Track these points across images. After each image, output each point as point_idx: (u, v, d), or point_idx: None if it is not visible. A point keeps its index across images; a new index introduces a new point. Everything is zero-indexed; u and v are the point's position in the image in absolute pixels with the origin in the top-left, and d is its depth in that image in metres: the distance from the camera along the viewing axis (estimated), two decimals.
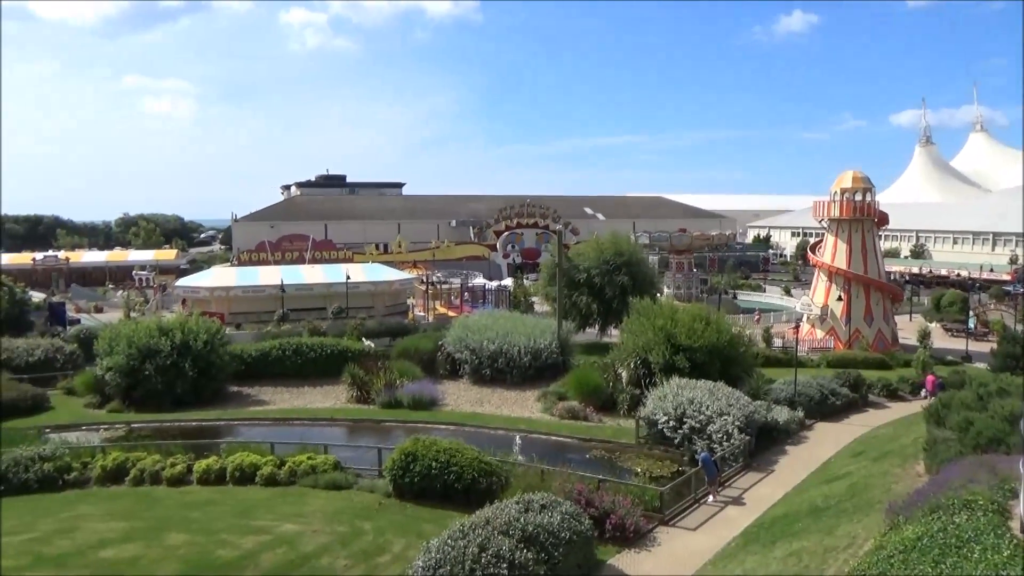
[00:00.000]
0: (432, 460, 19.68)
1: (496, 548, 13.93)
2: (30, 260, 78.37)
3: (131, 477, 21.66)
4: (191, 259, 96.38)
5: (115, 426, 28.61)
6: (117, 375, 30.64)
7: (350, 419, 29.53)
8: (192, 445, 23.81)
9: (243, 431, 27.97)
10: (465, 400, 32.03)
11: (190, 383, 30.88)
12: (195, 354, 31.10)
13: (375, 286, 54.74)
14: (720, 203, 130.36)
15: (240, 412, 30.62)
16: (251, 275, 55.99)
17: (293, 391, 33.67)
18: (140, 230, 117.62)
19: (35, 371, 34.30)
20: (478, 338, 34.82)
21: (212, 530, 17.61)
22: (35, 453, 21.95)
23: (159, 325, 32.44)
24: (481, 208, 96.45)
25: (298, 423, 28.99)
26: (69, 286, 70.61)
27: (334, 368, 34.04)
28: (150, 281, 72.11)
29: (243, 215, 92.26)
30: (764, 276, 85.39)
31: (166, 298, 60.96)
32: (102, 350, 31.80)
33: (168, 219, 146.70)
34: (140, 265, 79.80)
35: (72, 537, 17.35)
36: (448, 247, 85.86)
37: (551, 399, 30.61)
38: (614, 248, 41.83)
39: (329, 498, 20.13)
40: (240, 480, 21.35)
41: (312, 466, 21.62)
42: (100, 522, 18.43)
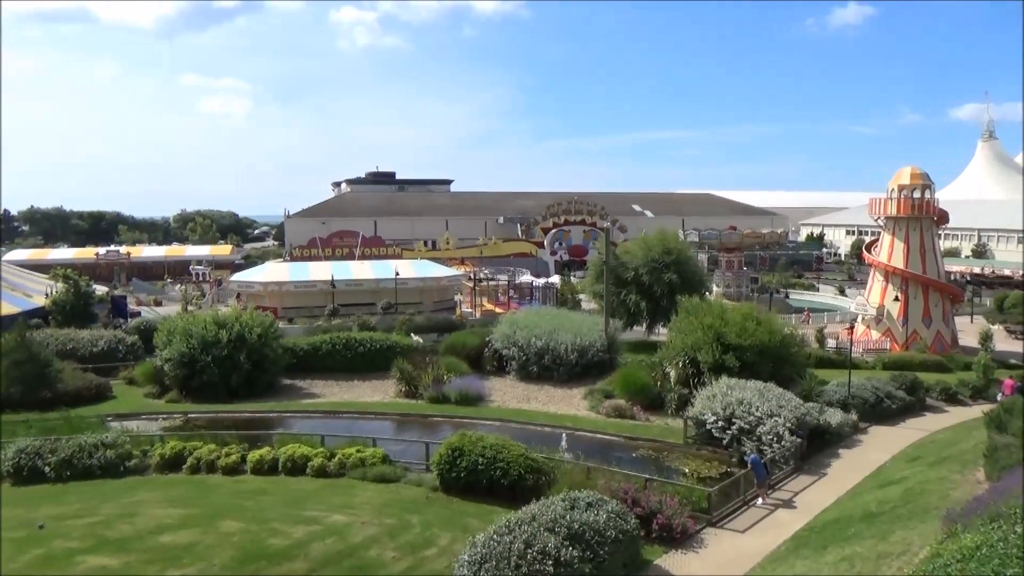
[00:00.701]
0: (479, 455, 19.83)
1: (542, 545, 13.99)
2: (94, 255, 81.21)
3: (188, 465, 22.34)
4: (245, 254, 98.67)
5: (173, 416, 29.55)
6: (175, 366, 31.59)
7: (398, 413, 29.91)
8: (246, 436, 24.43)
9: (295, 423, 28.60)
10: (511, 396, 32.15)
11: (244, 375, 31.65)
12: (249, 347, 31.86)
13: (423, 282, 55.27)
14: (771, 200, 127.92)
15: (292, 404, 31.27)
16: (303, 270, 57.08)
17: (343, 384, 34.25)
18: (197, 226, 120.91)
19: (98, 361, 35.59)
20: (525, 335, 34.90)
21: (264, 519, 18.06)
22: (98, 440, 22.81)
23: (215, 318, 33.31)
24: (528, 205, 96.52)
25: (348, 416, 29.48)
26: (130, 280, 72.96)
27: (383, 363, 34.51)
28: (206, 276, 74.08)
29: (295, 211, 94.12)
30: (817, 275, 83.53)
31: (221, 292, 62.54)
32: (161, 342, 32.82)
33: (223, 215, 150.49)
34: (197, 260, 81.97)
35: (133, 522, 17.99)
36: (495, 244, 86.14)
37: (598, 397, 30.52)
38: (662, 246, 41.43)
39: (377, 490, 20.45)
40: (292, 471, 21.84)
41: (361, 459, 21.99)
42: (159, 508, 19.06)
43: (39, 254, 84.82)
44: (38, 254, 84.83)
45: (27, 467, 21.66)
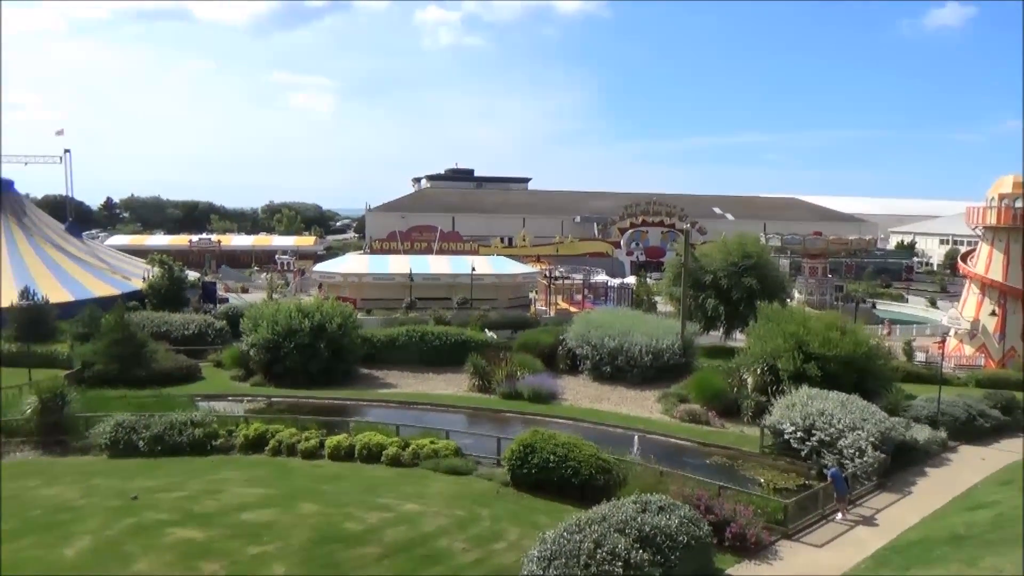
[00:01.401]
0: (550, 453, 19.88)
1: (612, 545, 13.93)
2: (187, 242, 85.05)
3: (269, 447, 23.21)
4: (328, 246, 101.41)
5: (257, 399, 30.72)
6: (259, 351, 32.82)
7: (471, 407, 30.25)
8: (324, 422, 25.17)
9: (370, 412, 29.29)
10: (584, 396, 32.07)
11: (324, 363, 32.60)
12: (329, 336, 32.80)
13: (499, 279, 55.63)
14: (859, 206, 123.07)
15: (368, 393, 32.03)
16: (382, 263, 58.30)
17: (418, 376, 34.88)
18: (283, 217, 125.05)
19: (189, 344, 37.34)
20: (599, 335, 34.75)
21: (340, 503, 18.60)
22: (188, 419, 23.95)
23: (298, 307, 34.43)
24: (605, 205, 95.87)
25: (422, 408, 30.01)
26: (220, 267, 76.06)
27: (457, 357, 34.96)
28: (291, 265, 76.56)
29: (376, 205, 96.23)
30: (907, 285, 79.99)
31: (304, 282, 64.53)
32: (247, 328, 34.16)
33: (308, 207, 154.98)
34: (282, 250, 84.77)
35: (217, 498, 18.82)
36: (572, 243, 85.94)
37: (671, 400, 30.11)
38: (741, 249, 40.49)
39: (449, 482, 20.76)
40: (367, 458, 22.40)
41: (434, 450, 22.36)
42: (241, 487, 19.87)
43: (138, 240, 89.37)
44: (137, 240, 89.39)
45: (123, 441, 22.93)
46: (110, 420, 23.58)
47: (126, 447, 22.87)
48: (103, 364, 31.46)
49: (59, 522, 17.22)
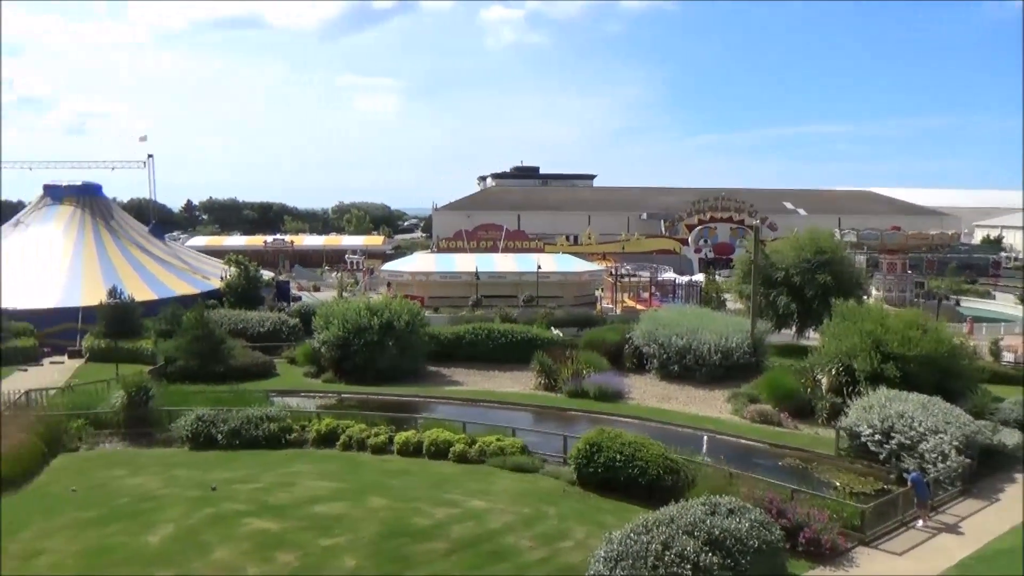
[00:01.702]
0: (616, 452, 19.73)
1: (680, 548, 13.73)
2: (262, 242, 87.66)
3: (340, 442, 23.76)
4: (396, 245, 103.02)
5: (328, 395, 31.51)
6: (330, 348, 33.63)
7: (537, 405, 30.28)
8: (393, 418, 25.60)
9: (437, 408, 29.65)
10: (651, 395, 31.70)
11: (392, 360, 33.16)
12: (397, 334, 33.34)
13: (564, 276, 55.48)
14: (941, 198, 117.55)
15: (435, 390, 32.42)
16: (448, 262, 58.88)
17: (484, 374, 35.12)
18: (352, 217, 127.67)
19: (264, 341, 38.52)
20: (666, 333, 34.28)
21: (409, 498, 18.90)
22: (263, 414, 24.73)
23: (367, 305, 35.12)
24: (672, 201, 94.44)
25: (488, 405, 30.19)
26: (293, 266, 78.12)
27: (523, 354, 35.05)
28: (360, 264, 78.06)
29: (442, 205, 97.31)
30: (995, 282, 76.06)
31: (373, 280, 65.72)
32: (318, 325, 35.04)
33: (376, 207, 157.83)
34: (352, 249, 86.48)
35: (290, 491, 19.38)
36: (638, 240, 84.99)
37: (741, 400, 29.46)
38: (814, 245, 39.22)
39: (515, 480, 20.84)
40: (434, 454, 22.69)
41: (500, 447, 22.48)
42: (313, 480, 20.40)
43: (216, 241, 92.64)
44: (215, 241, 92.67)
45: (203, 434, 23.85)
46: (191, 414, 24.56)
47: (206, 440, 23.77)
48: (184, 360, 32.79)
49: (143, 510, 18.04)
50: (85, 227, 51.21)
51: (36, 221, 52.55)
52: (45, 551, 15.86)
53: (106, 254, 49.21)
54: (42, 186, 55.94)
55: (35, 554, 15.74)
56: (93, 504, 18.58)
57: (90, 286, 43.50)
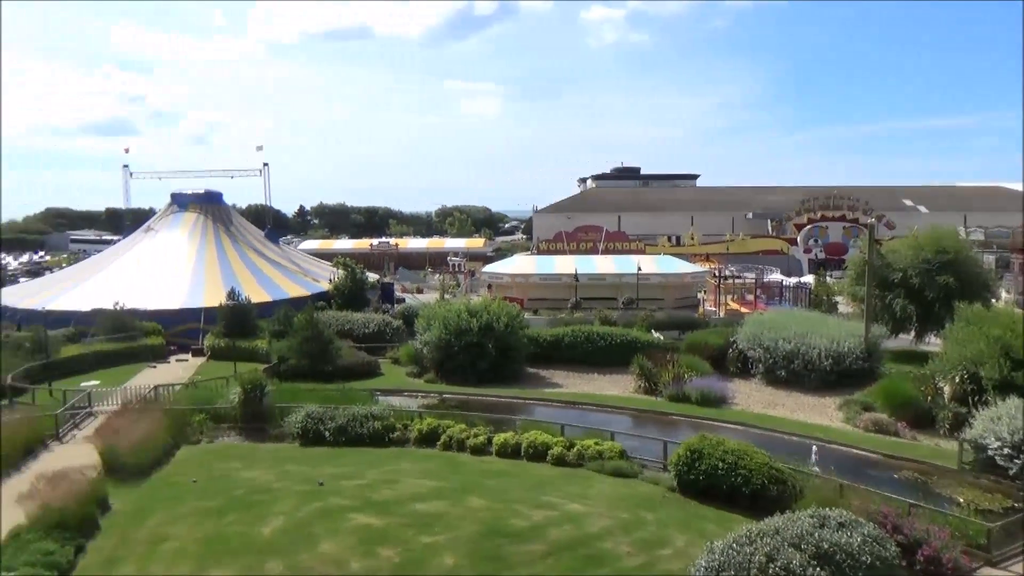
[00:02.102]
0: (718, 460, 19.21)
1: (786, 561, 13.22)
2: (368, 245, 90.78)
3: (441, 442, 24.23)
4: (496, 247, 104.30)
5: (430, 395, 32.19)
6: (432, 350, 34.38)
7: (636, 409, 29.89)
8: (492, 419, 25.88)
9: (536, 410, 29.75)
10: (756, 401, 30.68)
11: (491, 361, 33.55)
12: (496, 335, 33.70)
13: (665, 278, 54.56)
14: None
15: (534, 392, 32.54)
16: (548, 264, 59.04)
17: (583, 376, 34.98)
18: (455, 220, 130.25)
19: (369, 341, 39.82)
20: (773, 336, 33.09)
21: (507, 499, 19.06)
22: (368, 412, 25.53)
23: (467, 307, 35.69)
24: (779, 200, 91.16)
25: (586, 408, 30.05)
26: (397, 269, 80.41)
27: (622, 357, 34.69)
28: (461, 267, 79.49)
29: (543, 207, 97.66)
30: None
31: (474, 282, 66.75)
32: (421, 327, 35.90)
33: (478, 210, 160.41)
34: (454, 252, 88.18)
35: (393, 488, 19.93)
36: (743, 240, 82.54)
37: (854, 408, 28.06)
38: (936, 244, 36.81)
39: (613, 484, 20.64)
40: (533, 456, 22.77)
41: (599, 451, 22.32)
42: (415, 478, 20.91)
43: (325, 244, 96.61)
44: (324, 244, 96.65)
45: (312, 430, 24.89)
46: (301, 411, 25.67)
47: (314, 436, 24.79)
48: (295, 359, 34.33)
49: (257, 502, 19.00)
50: (207, 232, 54.60)
51: (164, 227, 56.50)
52: (169, 537, 16.99)
53: (226, 258, 52.23)
54: (170, 194, 60.22)
55: (161, 539, 16.88)
56: (212, 494, 19.74)
57: (211, 288, 46.32)
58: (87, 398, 28.75)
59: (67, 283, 51.13)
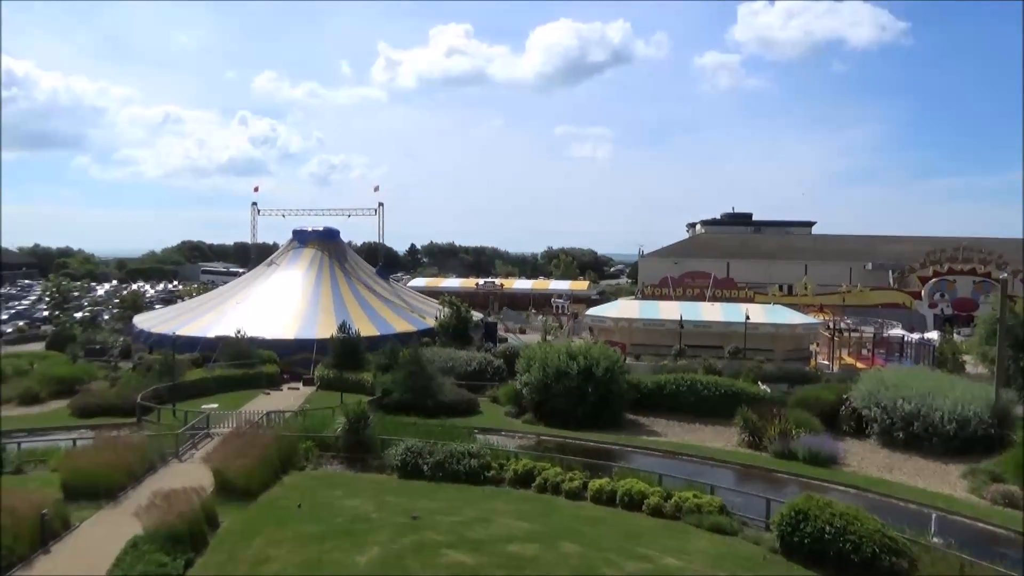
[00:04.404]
0: (826, 522, 18.22)
1: None
2: (474, 284, 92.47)
3: (536, 483, 24.17)
4: (601, 290, 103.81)
5: (527, 435, 32.25)
6: (531, 391, 34.49)
7: (739, 463, 28.80)
8: (588, 464, 25.58)
9: (634, 458, 29.18)
10: (870, 463, 28.90)
11: (590, 406, 33.27)
12: (597, 380, 33.44)
13: (776, 328, 52.59)
14: None
15: (633, 440, 31.98)
16: (652, 309, 58.21)
17: (684, 426, 34.10)
18: (560, 262, 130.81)
19: (471, 379, 40.38)
20: (891, 395, 31.21)
21: (601, 547, 18.74)
22: (466, 449, 25.85)
23: (568, 350, 35.66)
24: (902, 250, 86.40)
25: (686, 459, 29.23)
26: (501, 309, 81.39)
27: (726, 408, 33.63)
28: (565, 309, 79.60)
29: (649, 251, 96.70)
30: None
31: (577, 325, 66.58)
32: (521, 367, 36.13)
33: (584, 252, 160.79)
34: (558, 294, 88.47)
35: (487, 527, 20.02)
36: (861, 292, 78.54)
37: (981, 478, 25.94)
38: None
39: (712, 540, 19.91)
40: (628, 505, 22.33)
41: (698, 504, 21.63)
42: (509, 518, 20.91)
43: (433, 282, 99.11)
44: (433, 282, 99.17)
45: (411, 464, 25.41)
46: (401, 444, 26.30)
47: (413, 469, 25.28)
48: (399, 393, 35.26)
49: (356, 531, 19.53)
50: (324, 268, 57.36)
51: (285, 262, 59.81)
52: (271, 559, 17.69)
53: (339, 292, 54.57)
54: (292, 231, 63.79)
55: (264, 560, 17.60)
56: (315, 520, 20.45)
57: (324, 321, 48.45)
58: (206, 420, 30.55)
59: (195, 311, 54.81)
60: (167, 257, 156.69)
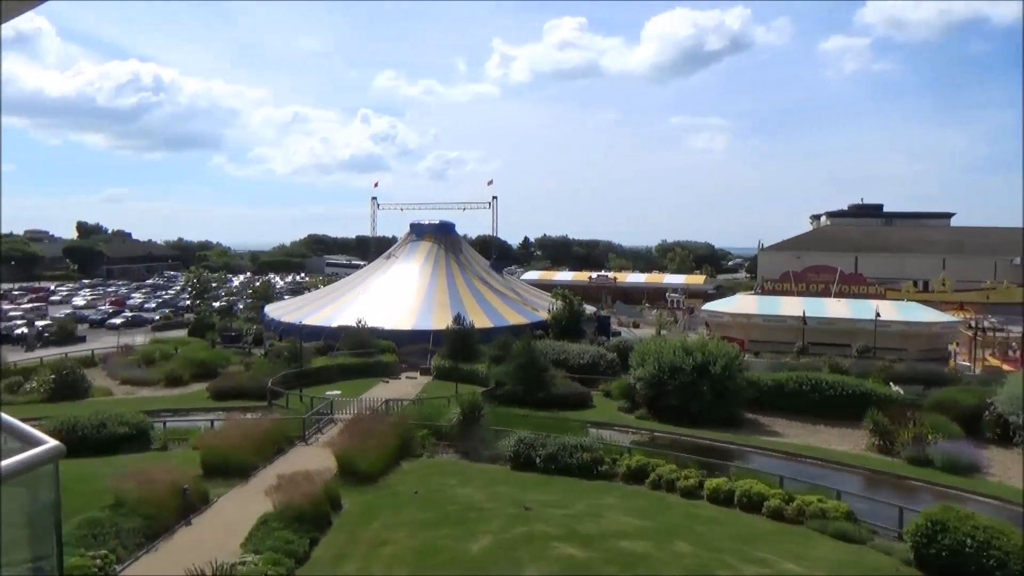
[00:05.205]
0: (966, 536, 16.89)
1: None
2: (587, 278, 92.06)
3: (649, 480, 23.77)
4: (717, 285, 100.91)
5: (640, 431, 31.76)
6: (645, 386, 33.93)
7: (867, 468, 27.18)
8: (703, 462, 24.91)
9: (752, 458, 28.15)
10: (1017, 474, 26.50)
11: (706, 403, 32.36)
12: (712, 377, 32.49)
13: (908, 327, 49.35)
14: None
15: (751, 439, 30.86)
16: (772, 304, 56.03)
17: (807, 427, 32.58)
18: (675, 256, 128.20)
19: (583, 372, 40.21)
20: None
21: (715, 548, 18.20)
22: (578, 443, 25.78)
23: (683, 345, 34.84)
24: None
25: (809, 461, 27.89)
26: (614, 302, 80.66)
27: (853, 410, 31.85)
28: (680, 303, 77.87)
29: (769, 244, 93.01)
30: None
31: (692, 320, 65.06)
32: (635, 362, 35.60)
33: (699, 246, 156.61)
34: (672, 288, 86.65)
35: (598, 522, 19.87)
36: (1007, 288, 72.35)
37: None
38: None
39: (836, 548, 18.92)
40: (746, 506, 21.58)
41: (822, 509, 20.60)
42: (621, 514, 20.68)
43: (546, 275, 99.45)
44: (545, 275, 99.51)
45: (523, 455, 25.60)
46: (514, 435, 26.53)
47: (525, 461, 25.46)
48: (511, 384, 35.60)
49: (468, 519, 19.88)
50: (439, 261, 58.74)
51: (403, 254, 61.69)
52: (388, 542, 18.29)
53: (454, 284, 55.73)
54: (409, 224, 65.70)
55: (382, 543, 18.23)
56: (429, 507, 20.98)
57: (440, 312, 49.62)
58: (330, 406, 31.99)
59: (320, 302, 57.49)
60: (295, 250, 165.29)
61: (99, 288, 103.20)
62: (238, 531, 18.21)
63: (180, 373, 40.53)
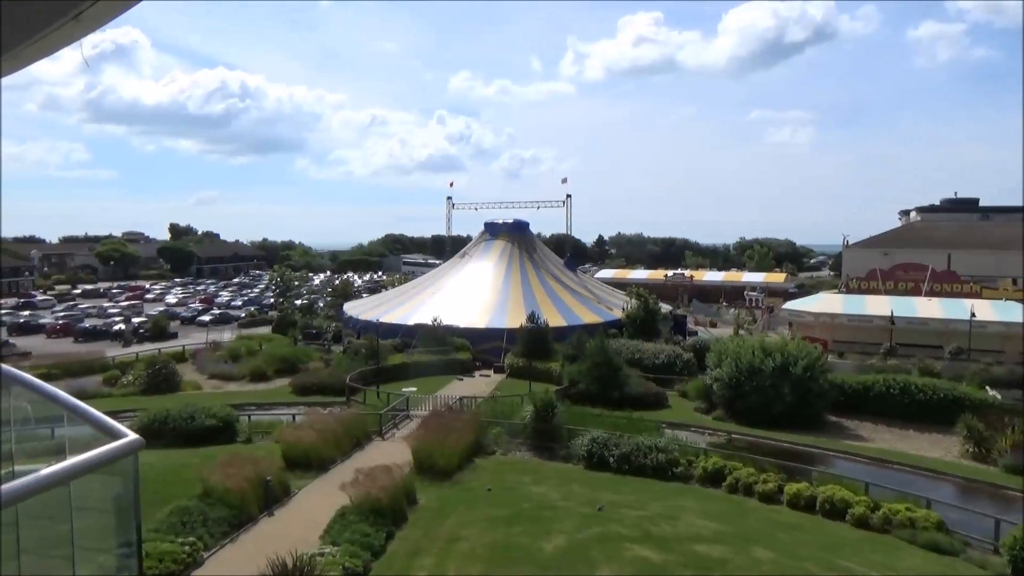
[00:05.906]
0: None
1: None
2: (663, 276, 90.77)
3: (726, 483, 23.25)
4: (799, 283, 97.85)
5: (717, 433, 31.08)
6: (722, 387, 33.18)
7: (960, 476, 25.83)
8: (784, 466, 24.19)
9: (835, 463, 27.17)
10: None
11: (786, 405, 31.41)
12: (794, 379, 31.51)
13: (1007, 328, 46.61)
14: None
15: (834, 443, 29.75)
16: (858, 303, 53.95)
17: (895, 432, 31.21)
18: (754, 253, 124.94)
19: (658, 372, 39.65)
20: None
21: (797, 556, 17.66)
22: (653, 443, 25.43)
23: (762, 345, 33.90)
24: None
25: (896, 468, 26.69)
26: (691, 301, 79.24)
27: (945, 415, 30.37)
28: (759, 302, 75.85)
29: (855, 241, 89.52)
30: None
31: (772, 319, 63.27)
32: (712, 362, 34.88)
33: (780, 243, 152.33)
34: (751, 286, 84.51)
35: (673, 524, 19.56)
36: None
37: None
38: None
39: (926, 559, 18.07)
40: (829, 513, 20.88)
41: (911, 518, 19.72)
42: (697, 517, 20.29)
43: (621, 274, 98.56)
44: (620, 274, 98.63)
45: (596, 455, 25.43)
46: (587, 435, 26.40)
47: (598, 461, 25.29)
48: (585, 383, 35.42)
49: (543, 518, 19.90)
50: (513, 259, 58.94)
51: (477, 253, 62.20)
52: (462, 538, 18.48)
53: (528, 283, 55.83)
54: (484, 223, 66.21)
55: (456, 539, 18.44)
56: (503, 504, 21.10)
57: (514, 310, 49.79)
58: (406, 402, 32.58)
59: (397, 300, 58.59)
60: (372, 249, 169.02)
61: (190, 287, 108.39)
62: (317, 523, 18.75)
63: (264, 369, 42.04)
